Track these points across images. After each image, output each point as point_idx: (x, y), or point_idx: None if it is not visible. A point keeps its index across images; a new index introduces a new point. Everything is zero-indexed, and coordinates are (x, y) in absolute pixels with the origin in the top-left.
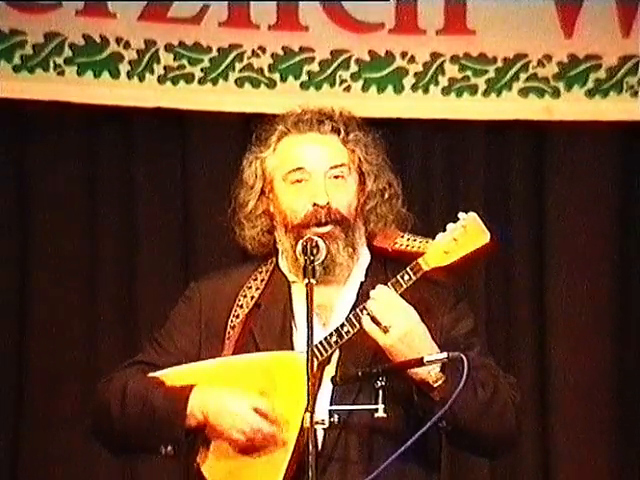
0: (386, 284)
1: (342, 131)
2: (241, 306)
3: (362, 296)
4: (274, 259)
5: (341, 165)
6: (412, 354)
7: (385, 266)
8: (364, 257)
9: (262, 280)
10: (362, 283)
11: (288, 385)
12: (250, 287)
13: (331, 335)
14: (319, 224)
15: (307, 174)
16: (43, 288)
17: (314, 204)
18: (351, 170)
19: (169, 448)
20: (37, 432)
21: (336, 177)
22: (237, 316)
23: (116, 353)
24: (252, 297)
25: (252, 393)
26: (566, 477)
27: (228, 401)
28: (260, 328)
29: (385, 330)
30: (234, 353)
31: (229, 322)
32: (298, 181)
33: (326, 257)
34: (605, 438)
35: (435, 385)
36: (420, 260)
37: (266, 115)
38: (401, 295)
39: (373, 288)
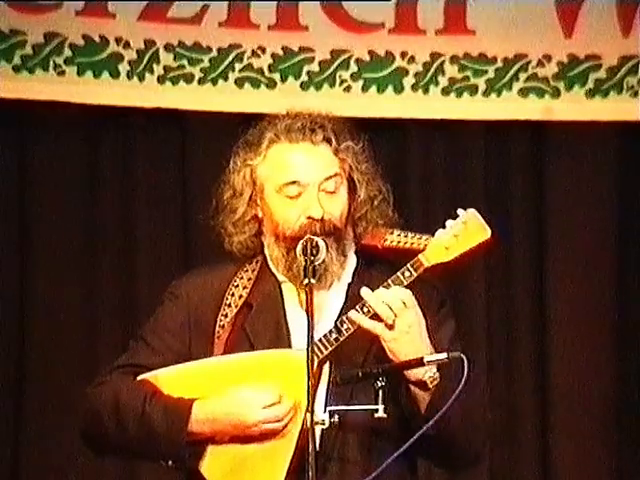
0: (372, 285)
1: (334, 140)
2: (229, 305)
3: (350, 297)
4: (260, 258)
5: (334, 175)
6: (412, 349)
7: (371, 267)
8: (352, 259)
9: (249, 279)
10: (349, 285)
11: (285, 383)
12: (237, 286)
13: (330, 332)
14: (313, 236)
15: (302, 187)
16: (43, 288)
17: (308, 217)
18: (342, 179)
19: (170, 462)
20: (37, 432)
21: (330, 191)
22: (226, 315)
23: (116, 354)
24: (240, 296)
25: (252, 389)
26: (566, 476)
27: (238, 404)
28: (254, 328)
29: (390, 327)
30: (225, 352)
31: (218, 321)
32: (293, 196)
33: (319, 267)
34: (605, 439)
35: (431, 386)
36: (421, 256)
37: (266, 115)
38: None
39: (360, 290)
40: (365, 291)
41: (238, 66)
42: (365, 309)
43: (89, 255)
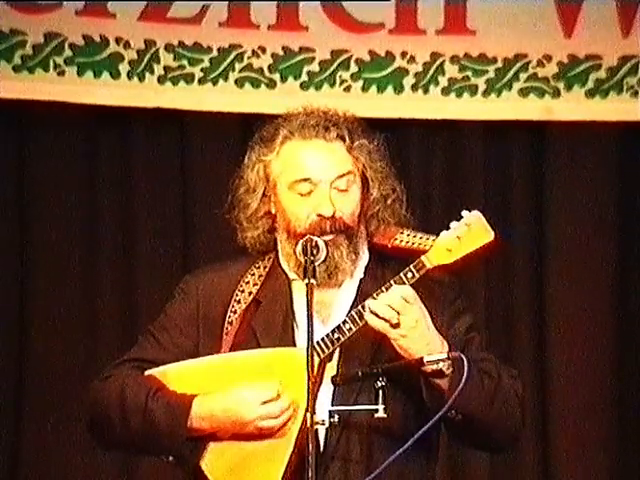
0: (384, 281)
1: (347, 138)
2: (238, 301)
3: (361, 293)
4: (272, 255)
5: (347, 173)
6: (422, 343)
7: (383, 263)
8: (364, 256)
9: (260, 276)
10: (361, 280)
11: (289, 381)
12: (247, 282)
13: (333, 332)
14: (323, 233)
15: (313, 185)
16: (43, 288)
17: (319, 214)
18: (355, 177)
19: (170, 458)
20: (37, 432)
21: (342, 189)
22: (235, 312)
23: (116, 354)
24: (250, 292)
25: (250, 386)
26: (566, 477)
27: (237, 401)
28: (261, 325)
29: (396, 325)
30: (232, 349)
31: (227, 317)
32: (305, 193)
33: (330, 264)
34: (605, 438)
35: (447, 372)
36: (423, 258)
37: (266, 115)
38: None
39: (371, 286)
40: (368, 300)
41: (238, 66)
42: (369, 308)
43: (89, 255)
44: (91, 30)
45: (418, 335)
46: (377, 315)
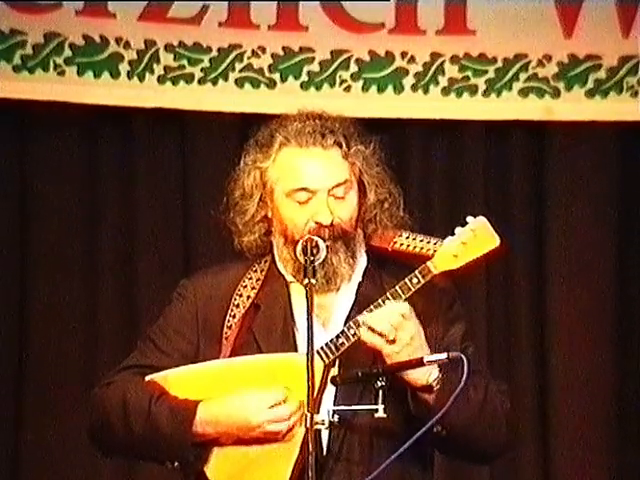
0: (382, 284)
1: (344, 144)
2: (237, 305)
3: (360, 297)
4: (269, 258)
5: (344, 182)
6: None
7: (381, 267)
8: (362, 259)
9: (258, 279)
10: (360, 284)
11: (293, 387)
12: (245, 286)
13: (337, 337)
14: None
15: (311, 193)
16: (43, 288)
17: (317, 222)
18: (352, 183)
19: (175, 464)
20: (37, 432)
21: (339, 196)
22: (234, 316)
23: (116, 354)
24: (248, 296)
25: (256, 391)
26: (566, 477)
27: (243, 406)
28: (261, 329)
29: (392, 342)
30: (232, 353)
31: (226, 322)
32: (302, 201)
33: (328, 269)
34: (605, 440)
35: (435, 387)
36: (429, 263)
37: (266, 115)
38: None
39: (370, 289)
40: (363, 316)
41: (238, 66)
42: (365, 324)
43: (89, 255)
44: (91, 30)
45: (411, 352)
46: (374, 330)
